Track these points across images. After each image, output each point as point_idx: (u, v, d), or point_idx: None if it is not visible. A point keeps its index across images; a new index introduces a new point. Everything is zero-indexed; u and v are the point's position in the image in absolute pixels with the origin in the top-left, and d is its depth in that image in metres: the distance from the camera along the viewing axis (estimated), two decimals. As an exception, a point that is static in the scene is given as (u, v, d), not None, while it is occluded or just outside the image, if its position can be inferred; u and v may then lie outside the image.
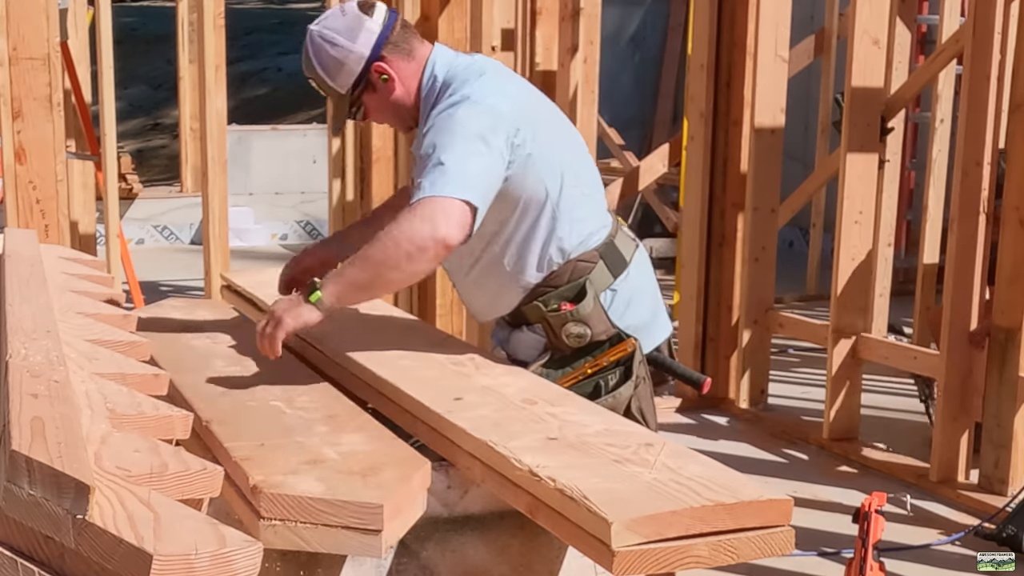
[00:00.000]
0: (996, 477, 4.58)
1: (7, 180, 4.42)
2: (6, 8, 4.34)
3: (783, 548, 1.94)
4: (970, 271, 4.68)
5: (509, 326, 2.90)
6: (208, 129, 5.54)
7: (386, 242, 2.48)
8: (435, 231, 2.46)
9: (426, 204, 2.48)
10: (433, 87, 2.74)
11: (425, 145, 2.59)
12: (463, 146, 2.54)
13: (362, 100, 2.77)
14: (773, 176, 5.65)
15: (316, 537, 1.94)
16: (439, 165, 2.51)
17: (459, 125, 2.58)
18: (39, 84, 4.38)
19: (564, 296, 2.77)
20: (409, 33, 2.78)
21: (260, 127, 11.97)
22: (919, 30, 7.80)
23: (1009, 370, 4.53)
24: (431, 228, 2.46)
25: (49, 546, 1.45)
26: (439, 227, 2.46)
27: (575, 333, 2.74)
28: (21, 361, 2.04)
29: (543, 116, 2.80)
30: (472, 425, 2.26)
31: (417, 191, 2.51)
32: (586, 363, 2.75)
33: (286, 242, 11.13)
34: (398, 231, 2.47)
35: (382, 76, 2.74)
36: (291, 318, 2.53)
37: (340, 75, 2.74)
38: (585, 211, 2.80)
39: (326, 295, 2.52)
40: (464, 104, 2.61)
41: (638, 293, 2.87)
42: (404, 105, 2.78)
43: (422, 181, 2.51)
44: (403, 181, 5.87)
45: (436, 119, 2.62)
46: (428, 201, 2.48)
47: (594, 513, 1.84)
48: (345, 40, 2.71)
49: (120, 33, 8.03)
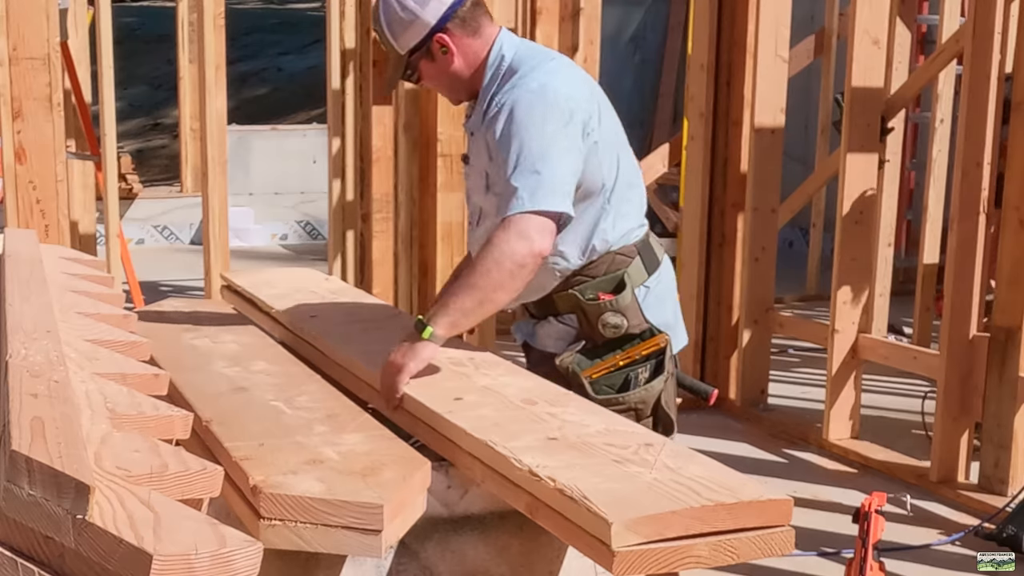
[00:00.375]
0: (996, 477, 4.58)
1: (7, 180, 4.42)
2: (6, 8, 4.34)
3: (783, 548, 1.94)
4: (970, 271, 4.68)
5: (534, 318, 2.91)
6: (208, 129, 5.54)
7: (489, 265, 2.54)
8: (532, 247, 2.54)
9: (522, 221, 2.55)
10: (499, 67, 2.76)
11: (506, 136, 2.61)
12: (553, 148, 2.59)
13: (419, 65, 2.80)
14: (773, 176, 5.65)
15: (316, 537, 1.94)
16: (535, 174, 2.56)
17: (544, 121, 2.61)
18: (39, 84, 4.39)
19: (601, 287, 2.78)
20: (480, 12, 2.79)
21: (260, 127, 11.97)
22: (919, 30, 7.80)
23: (1009, 370, 4.53)
24: (528, 245, 2.54)
25: (49, 546, 1.45)
26: (535, 243, 2.55)
27: (612, 323, 2.76)
28: (21, 361, 2.04)
29: (604, 101, 2.84)
30: (472, 425, 2.26)
31: (515, 202, 2.55)
32: (618, 355, 2.77)
33: (286, 242, 11.14)
34: (499, 252, 2.54)
35: (442, 48, 2.75)
36: (413, 361, 2.53)
37: (402, 37, 2.76)
38: (630, 205, 2.83)
39: (438, 328, 2.54)
40: (544, 95, 2.64)
41: (667, 294, 2.91)
42: (461, 79, 2.80)
43: (519, 191, 2.55)
44: (403, 181, 5.87)
45: (516, 108, 2.63)
46: (525, 218, 2.55)
47: (594, 513, 1.84)
48: (415, 5, 2.73)
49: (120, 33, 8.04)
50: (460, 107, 3.03)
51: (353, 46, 6.55)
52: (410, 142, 5.77)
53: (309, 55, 15.86)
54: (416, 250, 5.90)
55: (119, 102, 7.46)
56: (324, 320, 3.18)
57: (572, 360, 2.75)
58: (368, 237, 6.30)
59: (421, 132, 5.71)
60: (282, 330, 3.29)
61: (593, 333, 2.78)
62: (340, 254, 6.78)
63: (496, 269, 2.53)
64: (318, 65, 10.60)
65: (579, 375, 2.74)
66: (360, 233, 6.62)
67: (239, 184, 10.55)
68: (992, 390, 4.59)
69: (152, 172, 13.21)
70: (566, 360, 2.75)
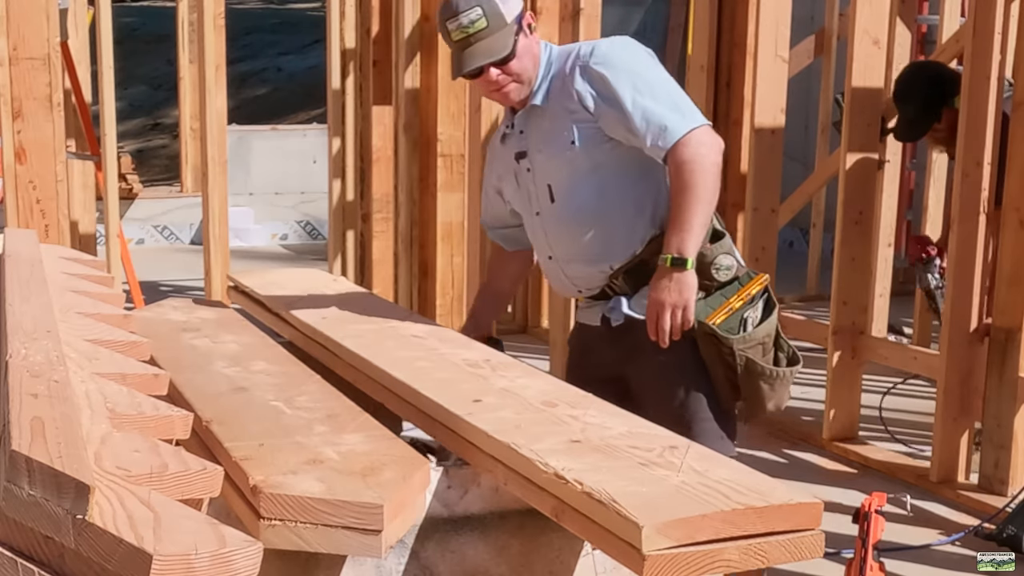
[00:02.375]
0: (996, 477, 4.58)
1: (7, 180, 4.42)
2: (6, 8, 4.34)
3: (813, 552, 1.92)
4: (970, 271, 4.68)
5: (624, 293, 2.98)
6: (208, 129, 5.54)
7: (698, 179, 2.75)
8: (718, 150, 2.80)
9: (694, 136, 2.78)
10: (550, 58, 2.98)
11: (624, 88, 2.82)
12: (666, 80, 2.88)
13: (517, 40, 2.92)
14: (773, 176, 5.64)
15: (316, 537, 1.94)
16: (671, 101, 2.83)
17: (645, 64, 2.89)
18: (39, 84, 4.39)
19: None
20: None
21: (260, 127, 11.97)
22: (919, 30, 7.79)
23: (1009, 370, 4.53)
24: (716, 150, 2.79)
25: (49, 546, 1.45)
26: (716, 147, 2.80)
27: (725, 265, 2.90)
28: (21, 361, 2.04)
29: None
30: (494, 427, 2.24)
31: (673, 127, 2.78)
32: (732, 298, 2.89)
33: (286, 242, 11.13)
34: (700, 166, 2.75)
35: (530, 25, 2.96)
36: (688, 291, 2.78)
37: (508, 3, 2.91)
38: None
39: (687, 250, 2.75)
40: (624, 44, 2.94)
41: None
42: (536, 64, 2.97)
43: (668, 117, 2.79)
44: (403, 181, 5.87)
45: (611, 62, 2.86)
46: (694, 133, 2.78)
47: (624, 517, 1.82)
48: None
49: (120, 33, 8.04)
50: (460, 107, 3.09)
51: (353, 46, 6.55)
52: (410, 142, 5.77)
53: (309, 55, 15.86)
54: (416, 250, 5.90)
55: (119, 102, 7.46)
56: (335, 321, 3.18)
57: (698, 308, 2.85)
58: (368, 237, 6.30)
59: (421, 132, 5.71)
60: (292, 331, 3.28)
61: (705, 280, 2.87)
62: (340, 254, 6.79)
63: (710, 178, 2.76)
64: (318, 65, 10.60)
65: (705, 323, 2.85)
66: (360, 233, 6.62)
67: (239, 184, 10.55)
68: (992, 390, 4.59)
69: (152, 172, 13.21)
70: (698, 327, 2.86)
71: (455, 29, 2.88)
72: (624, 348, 2.99)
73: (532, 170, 3.03)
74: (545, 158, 2.99)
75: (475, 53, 2.89)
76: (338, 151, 6.72)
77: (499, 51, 2.88)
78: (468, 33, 2.87)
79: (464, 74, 2.93)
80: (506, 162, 3.11)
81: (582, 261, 3.00)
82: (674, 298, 2.77)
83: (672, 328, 2.79)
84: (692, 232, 2.76)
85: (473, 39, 2.87)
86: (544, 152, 2.99)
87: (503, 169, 3.14)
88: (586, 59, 2.89)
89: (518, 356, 3.03)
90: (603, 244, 2.96)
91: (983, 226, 4.65)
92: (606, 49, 2.91)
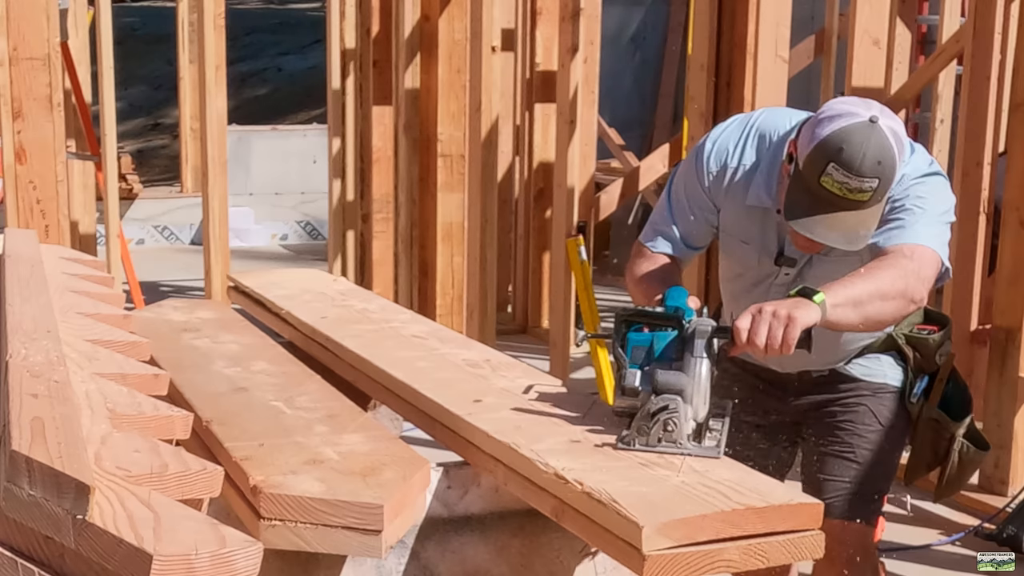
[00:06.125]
0: (996, 477, 4.58)
1: (7, 180, 4.42)
2: (6, 8, 4.34)
3: (813, 552, 1.93)
4: (970, 271, 4.68)
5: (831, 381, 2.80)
6: (208, 129, 5.53)
7: (907, 279, 2.46)
8: (925, 291, 2.51)
9: (934, 264, 2.51)
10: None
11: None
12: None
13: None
14: (773, 176, 5.63)
15: (316, 537, 1.94)
16: (944, 225, 2.57)
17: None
18: (39, 84, 4.38)
19: (913, 321, 2.79)
20: None
21: (260, 127, 11.96)
22: (919, 30, 7.79)
23: (1009, 370, 4.53)
24: (925, 289, 2.50)
25: (49, 546, 1.45)
26: (925, 287, 2.51)
27: (945, 351, 2.80)
28: (21, 361, 2.04)
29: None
30: (494, 427, 2.25)
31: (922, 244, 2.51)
32: (940, 380, 2.82)
33: (286, 242, 11.12)
34: (915, 278, 2.47)
35: None
36: (803, 315, 2.31)
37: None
38: None
39: (830, 299, 2.36)
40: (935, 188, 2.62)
41: None
42: None
43: (924, 232, 2.52)
44: (403, 181, 5.87)
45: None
46: (936, 261, 2.52)
47: (624, 517, 1.83)
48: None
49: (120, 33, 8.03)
50: (460, 107, 3.02)
51: (353, 46, 6.55)
52: (410, 142, 5.77)
53: (309, 55, 15.85)
54: (416, 250, 5.90)
55: (119, 102, 7.46)
56: (335, 321, 3.18)
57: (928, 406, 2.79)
58: (368, 237, 6.30)
59: (421, 132, 5.71)
60: (292, 331, 3.28)
61: (926, 364, 2.80)
62: (340, 254, 6.79)
63: (903, 286, 2.44)
64: (318, 65, 10.59)
65: (947, 420, 2.79)
66: (360, 233, 6.62)
67: (239, 184, 10.54)
68: (992, 390, 4.59)
69: (152, 172, 13.21)
70: (925, 411, 2.78)
71: (855, 191, 2.41)
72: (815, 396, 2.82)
73: (795, 277, 2.71)
74: (818, 279, 2.57)
75: (846, 221, 2.45)
76: (338, 151, 6.72)
77: (871, 227, 2.49)
78: (861, 200, 2.43)
79: (810, 236, 2.49)
80: (752, 233, 2.73)
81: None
82: (784, 310, 2.30)
83: (770, 338, 2.28)
84: (845, 293, 2.39)
85: (857, 205, 2.44)
86: (823, 281, 2.51)
87: (743, 231, 2.75)
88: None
89: (518, 356, 3.02)
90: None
91: (983, 226, 4.65)
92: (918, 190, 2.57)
